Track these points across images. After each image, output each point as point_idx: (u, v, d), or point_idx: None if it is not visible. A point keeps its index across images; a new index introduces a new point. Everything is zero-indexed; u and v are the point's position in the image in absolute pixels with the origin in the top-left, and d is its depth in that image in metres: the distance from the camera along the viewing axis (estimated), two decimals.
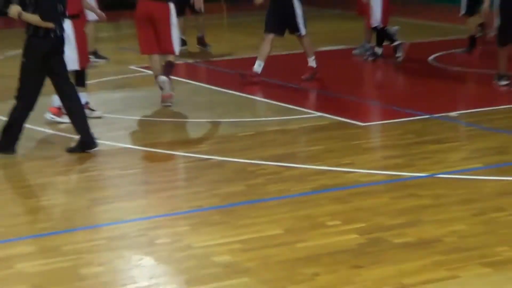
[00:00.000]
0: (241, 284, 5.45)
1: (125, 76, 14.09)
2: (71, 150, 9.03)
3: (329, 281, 5.55)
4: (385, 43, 14.61)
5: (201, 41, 16.27)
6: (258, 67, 12.77)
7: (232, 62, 15.54)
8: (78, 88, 9.77)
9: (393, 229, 6.47)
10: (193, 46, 16.42)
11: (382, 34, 14.18)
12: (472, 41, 14.79)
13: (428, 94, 12.42)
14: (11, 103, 9.19)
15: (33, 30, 8.89)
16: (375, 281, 5.50)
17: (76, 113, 9.14)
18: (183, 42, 14.25)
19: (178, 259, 5.94)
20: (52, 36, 9.00)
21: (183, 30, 15.04)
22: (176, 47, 11.78)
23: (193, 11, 15.18)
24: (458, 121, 10.46)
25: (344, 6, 22.06)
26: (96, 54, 14.50)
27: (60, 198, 7.82)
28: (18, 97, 9.01)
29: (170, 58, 11.85)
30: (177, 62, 13.01)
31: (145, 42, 11.79)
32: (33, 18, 8.76)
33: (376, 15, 13.79)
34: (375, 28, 14.16)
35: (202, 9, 14.75)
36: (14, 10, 8.87)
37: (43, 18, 8.99)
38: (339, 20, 22.00)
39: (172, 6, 11.68)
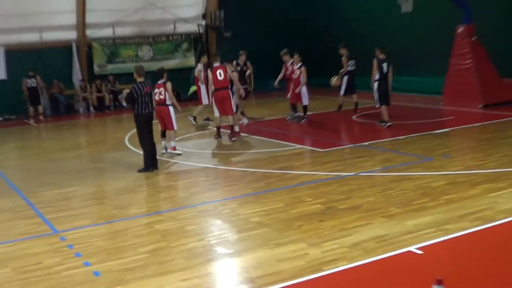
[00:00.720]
0: (262, 232, 8.78)
1: None
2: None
3: (308, 228, 8.77)
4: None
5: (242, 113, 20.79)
6: None
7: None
8: None
9: (339, 201, 10.11)
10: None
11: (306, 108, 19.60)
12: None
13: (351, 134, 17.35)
14: None
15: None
16: (331, 227, 8.74)
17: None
18: None
19: (233, 221, 9.66)
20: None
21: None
22: None
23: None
24: (369, 147, 14.92)
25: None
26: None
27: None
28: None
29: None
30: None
31: None
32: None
33: (306, 98, 19.61)
34: (305, 106, 19.78)
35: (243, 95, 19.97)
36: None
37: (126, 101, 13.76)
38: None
39: None
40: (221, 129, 17.60)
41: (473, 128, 17.35)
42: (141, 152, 14.09)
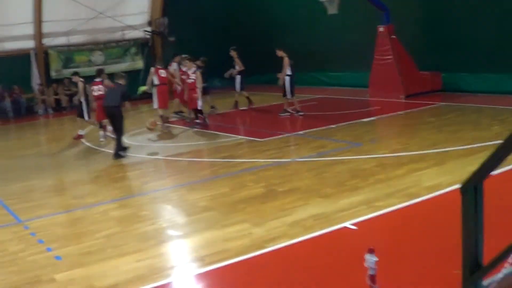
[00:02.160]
0: (210, 215, 8.79)
1: None
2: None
3: (251, 210, 8.80)
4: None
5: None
6: None
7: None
8: None
9: (278, 184, 10.15)
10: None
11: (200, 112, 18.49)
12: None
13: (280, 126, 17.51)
14: None
15: None
16: (272, 208, 8.77)
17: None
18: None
19: (182, 206, 9.70)
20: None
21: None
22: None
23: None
24: (304, 135, 15.01)
25: None
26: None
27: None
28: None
29: None
30: None
31: None
32: None
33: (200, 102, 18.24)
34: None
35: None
36: None
37: None
38: None
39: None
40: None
41: (397, 116, 17.57)
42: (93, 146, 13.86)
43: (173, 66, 20.69)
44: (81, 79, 17.61)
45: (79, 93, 17.28)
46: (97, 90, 16.86)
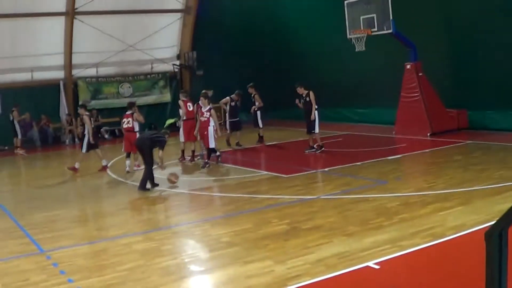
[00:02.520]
0: (232, 251, 8.63)
1: None
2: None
3: (274, 247, 8.68)
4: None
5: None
6: None
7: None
8: None
9: (302, 222, 10.02)
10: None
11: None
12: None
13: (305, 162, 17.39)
14: None
15: None
16: (295, 245, 8.62)
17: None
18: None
19: (205, 241, 9.55)
20: None
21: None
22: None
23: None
24: (329, 172, 14.95)
25: None
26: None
27: None
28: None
29: None
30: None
31: None
32: None
33: (212, 141, 17.11)
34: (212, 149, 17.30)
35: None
36: None
37: None
38: None
39: None
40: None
41: (423, 154, 17.42)
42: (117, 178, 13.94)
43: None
44: (87, 113, 17.81)
45: (87, 126, 17.43)
46: (126, 123, 17.15)
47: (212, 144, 17.11)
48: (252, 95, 21.50)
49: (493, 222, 3.90)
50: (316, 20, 26.62)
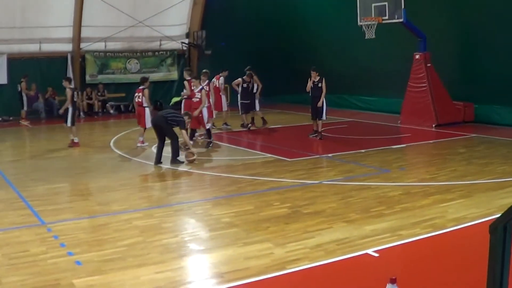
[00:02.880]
0: (232, 232, 8.67)
1: None
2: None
3: (274, 230, 8.71)
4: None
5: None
6: None
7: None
8: None
9: (303, 206, 10.02)
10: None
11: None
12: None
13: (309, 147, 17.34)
14: None
15: None
16: (296, 229, 8.67)
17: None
18: None
19: (206, 220, 9.56)
20: None
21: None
22: None
23: None
24: (333, 158, 14.95)
25: None
26: None
27: None
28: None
29: None
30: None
31: None
32: None
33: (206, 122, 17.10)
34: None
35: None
36: None
37: None
38: None
39: None
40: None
41: (427, 145, 17.41)
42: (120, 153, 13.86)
43: (220, 81, 21.10)
44: (71, 86, 17.80)
45: (67, 100, 17.45)
46: (138, 97, 17.43)
47: (207, 125, 17.33)
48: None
49: (494, 216, 3.89)
50: (327, 6, 26.41)
